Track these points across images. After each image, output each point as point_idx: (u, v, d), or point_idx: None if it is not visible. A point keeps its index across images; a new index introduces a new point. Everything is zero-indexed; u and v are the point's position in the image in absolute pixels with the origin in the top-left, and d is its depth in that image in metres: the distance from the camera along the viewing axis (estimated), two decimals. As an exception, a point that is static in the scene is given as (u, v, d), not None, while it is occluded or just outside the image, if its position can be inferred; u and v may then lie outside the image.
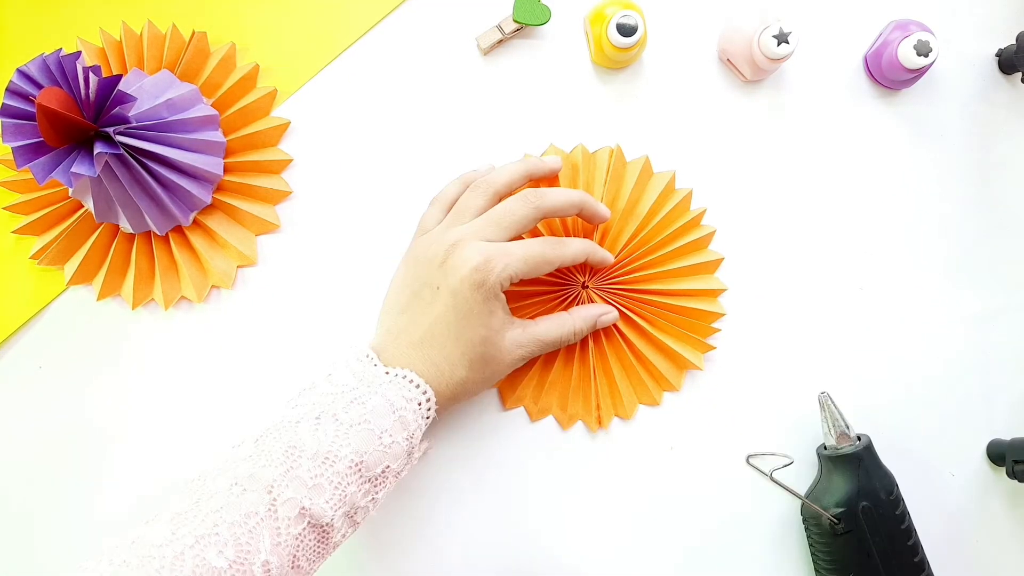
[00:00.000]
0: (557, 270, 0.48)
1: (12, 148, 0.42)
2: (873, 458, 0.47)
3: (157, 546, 0.35)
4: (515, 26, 0.51)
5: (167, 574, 0.34)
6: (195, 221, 0.50)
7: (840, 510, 0.46)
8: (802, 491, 0.49)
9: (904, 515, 0.47)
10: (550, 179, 0.50)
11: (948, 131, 0.52)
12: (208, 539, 0.36)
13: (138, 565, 0.35)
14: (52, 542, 0.50)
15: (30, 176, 0.49)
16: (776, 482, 0.49)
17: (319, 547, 0.39)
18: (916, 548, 0.47)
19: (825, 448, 0.48)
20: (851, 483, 0.46)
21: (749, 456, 0.50)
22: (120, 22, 0.50)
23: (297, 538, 0.38)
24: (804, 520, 0.49)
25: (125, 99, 0.43)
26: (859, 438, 0.48)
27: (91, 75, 0.41)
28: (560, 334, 0.47)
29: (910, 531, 0.47)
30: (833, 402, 0.48)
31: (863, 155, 0.52)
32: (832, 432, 0.48)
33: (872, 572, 0.46)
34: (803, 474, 0.50)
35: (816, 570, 0.49)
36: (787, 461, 0.49)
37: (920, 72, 0.49)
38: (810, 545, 0.49)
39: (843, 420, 0.48)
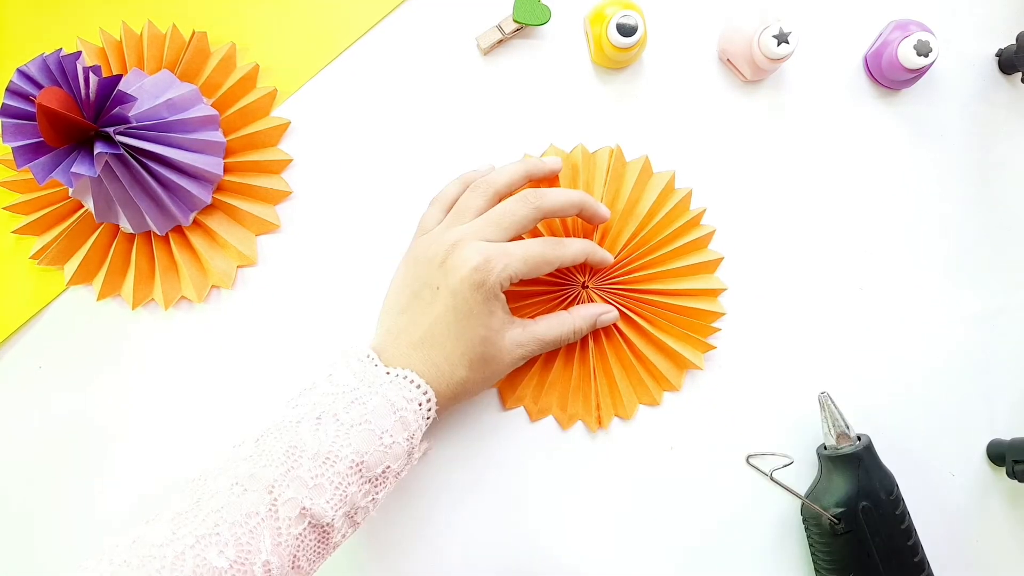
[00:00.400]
0: (557, 270, 0.48)
1: (12, 148, 0.42)
2: (873, 458, 0.47)
3: (158, 546, 0.35)
4: (515, 26, 0.51)
5: (167, 574, 0.34)
6: (195, 221, 0.50)
7: (840, 510, 0.46)
8: (802, 491, 0.49)
9: (904, 515, 0.47)
10: (550, 180, 0.50)
11: (948, 131, 0.52)
12: (209, 539, 0.36)
13: (138, 565, 0.35)
14: (52, 542, 0.50)
15: (30, 176, 0.49)
16: (776, 482, 0.49)
17: (319, 547, 0.39)
18: (916, 548, 0.47)
19: (825, 448, 0.48)
20: (851, 483, 0.46)
21: (749, 456, 0.50)
22: (120, 22, 0.50)
23: (298, 538, 0.38)
24: (804, 520, 0.49)
25: (125, 99, 0.43)
26: (859, 438, 0.48)
27: (91, 75, 0.41)
28: (560, 333, 0.47)
29: (910, 531, 0.47)
30: (833, 402, 0.48)
31: (863, 155, 0.52)
32: (832, 432, 0.48)
33: (872, 572, 0.46)
34: (803, 474, 0.50)
35: (816, 570, 0.49)
36: (787, 461, 0.49)
37: (920, 72, 0.49)
38: (810, 545, 0.49)
39: (843, 420, 0.48)
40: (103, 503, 0.50)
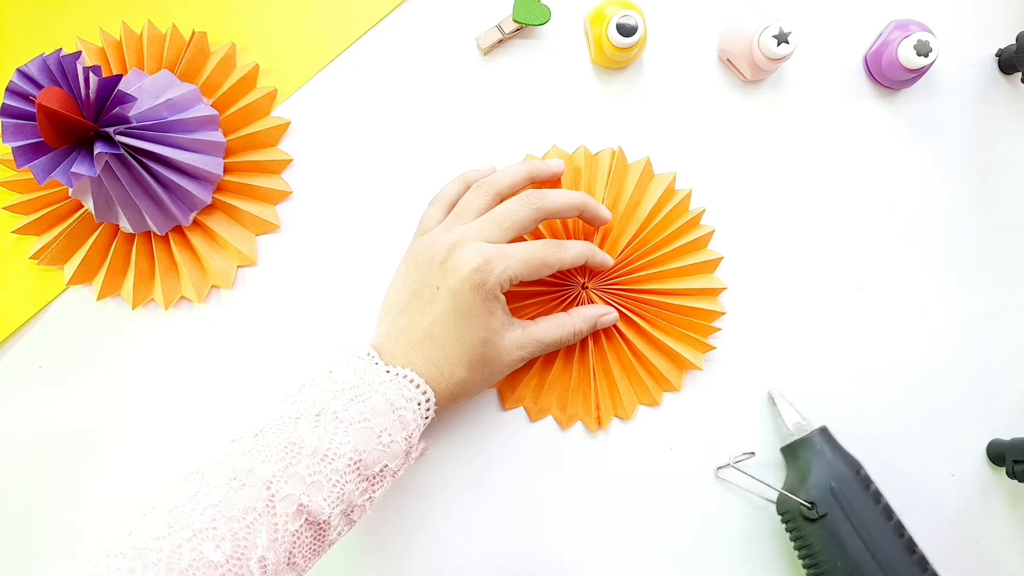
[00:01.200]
0: (557, 271, 0.48)
1: (12, 148, 0.42)
2: (830, 440, 0.48)
3: (154, 538, 0.35)
4: (515, 26, 0.51)
5: (163, 567, 0.34)
6: (195, 221, 0.50)
7: (811, 491, 0.46)
8: (773, 495, 0.49)
9: (878, 494, 0.46)
10: (553, 182, 0.50)
11: (948, 131, 0.52)
12: (206, 533, 0.36)
13: (134, 557, 0.35)
14: (52, 541, 0.50)
15: (30, 176, 0.50)
16: (746, 475, 0.49)
17: (315, 544, 0.39)
18: (901, 528, 0.46)
19: (786, 440, 0.49)
20: (815, 467, 0.46)
21: (718, 468, 0.50)
22: (120, 22, 0.50)
23: (294, 535, 0.38)
24: (782, 518, 0.48)
25: (125, 99, 0.43)
26: (810, 424, 0.49)
27: (91, 75, 0.42)
28: (560, 335, 0.47)
29: (889, 511, 0.46)
30: (783, 395, 0.49)
31: (863, 155, 0.52)
32: (788, 425, 0.48)
33: (860, 558, 0.45)
34: (780, 477, 0.50)
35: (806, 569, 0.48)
36: (749, 453, 0.50)
37: (920, 72, 0.49)
38: (795, 545, 0.48)
39: (796, 411, 0.49)
40: (103, 504, 0.50)
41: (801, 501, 0.46)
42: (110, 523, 0.49)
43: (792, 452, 0.48)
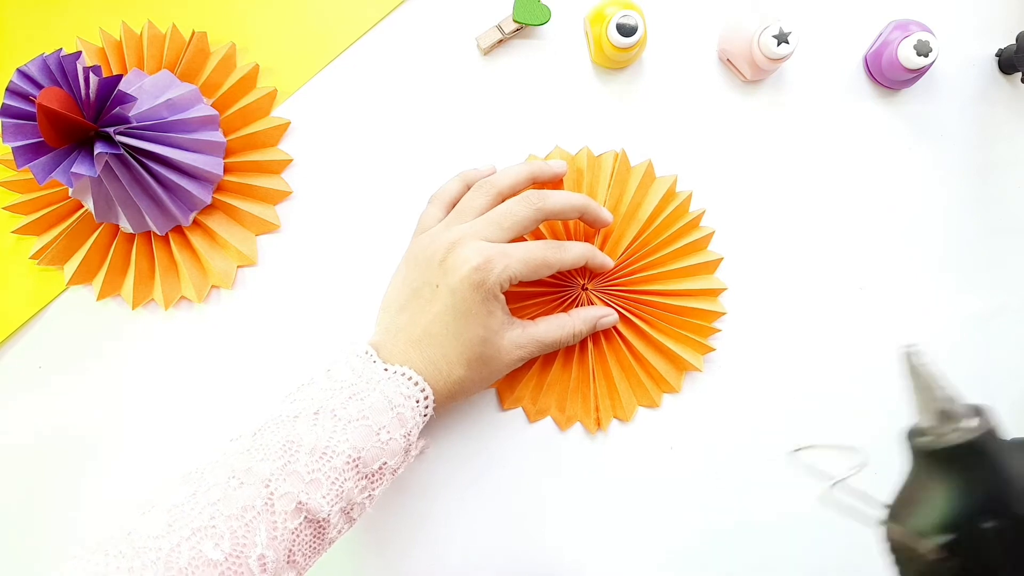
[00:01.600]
0: (557, 271, 0.48)
1: (12, 148, 0.42)
2: (1001, 450, 0.30)
3: (153, 537, 0.35)
4: (515, 26, 0.51)
5: (162, 566, 0.34)
6: (195, 221, 0.50)
7: (948, 538, 0.29)
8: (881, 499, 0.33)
9: None
10: (554, 183, 0.50)
11: (948, 131, 0.52)
12: (205, 531, 0.36)
13: (133, 556, 0.35)
14: (52, 541, 0.50)
15: (30, 176, 0.50)
16: (841, 495, 0.33)
17: (315, 542, 0.39)
18: None
19: (923, 435, 0.31)
20: (964, 490, 0.30)
21: (797, 449, 0.35)
22: (120, 22, 0.50)
23: (293, 532, 0.38)
24: (892, 548, 0.32)
25: (125, 99, 0.43)
26: (977, 412, 0.31)
27: (91, 75, 0.42)
28: (560, 336, 0.47)
29: None
30: (928, 363, 0.32)
31: (863, 155, 0.52)
32: (929, 408, 0.31)
33: None
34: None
35: None
36: (857, 464, 0.33)
37: (920, 72, 0.49)
38: None
39: (947, 389, 0.31)
40: (104, 502, 0.50)
41: (930, 545, 0.29)
42: (110, 523, 0.50)
43: (928, 457, 0.31)
